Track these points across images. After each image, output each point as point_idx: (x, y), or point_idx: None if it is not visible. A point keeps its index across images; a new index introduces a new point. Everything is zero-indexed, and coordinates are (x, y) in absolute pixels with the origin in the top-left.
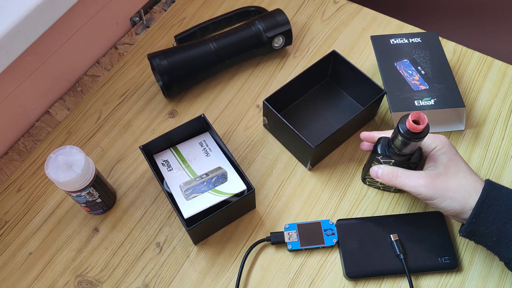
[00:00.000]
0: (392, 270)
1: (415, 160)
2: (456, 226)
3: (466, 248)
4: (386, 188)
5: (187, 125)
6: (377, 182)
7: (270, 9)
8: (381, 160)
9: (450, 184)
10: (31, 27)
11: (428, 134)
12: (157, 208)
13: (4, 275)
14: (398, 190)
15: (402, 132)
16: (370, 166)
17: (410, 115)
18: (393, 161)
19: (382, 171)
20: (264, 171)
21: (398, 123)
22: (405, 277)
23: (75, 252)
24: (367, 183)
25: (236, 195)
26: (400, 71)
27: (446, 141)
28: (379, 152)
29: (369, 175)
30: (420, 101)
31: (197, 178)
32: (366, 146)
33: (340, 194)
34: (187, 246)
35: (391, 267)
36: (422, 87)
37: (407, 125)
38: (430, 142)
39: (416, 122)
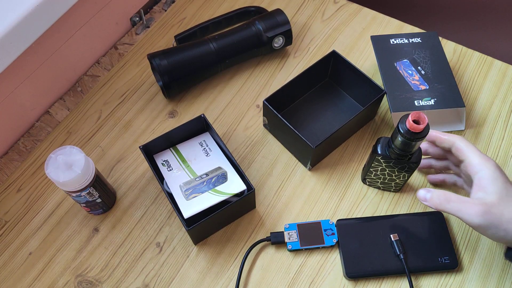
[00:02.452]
0: (392, 270)
1: (415, 160)
2: (456, 226)
3: (466, 248)
4: (386, 188)
5: (187, 125)
6: (378, 182)
7: (270, 9)
8: (382, 161)
9: (505, 215)
10: (31, 27)
11: (476, 154)
12: (157, 208)
13: (4, 275)
14: (398, 190)
15: (402, 132)
16: (371, 167)
17: (410, 115)
18: (393, 161)
19: (432, 195)
20: (264, 171)
21: (398, 123)
22: (405, 277)
23: (75, 252)
24: (367, 183)
25: (236, 195)
26: (400, 71)
27: (496, 166)
28: (379, 153)
29: (370, 175)
30: (420, 101)
31: (197, 178)
32: (433, 179)
33: (340, 194)
34: (187, 246)
35: (391, 267)
36: (422, 87)
37: (407, 125)
38: (478, 167)
39: (416, 122)
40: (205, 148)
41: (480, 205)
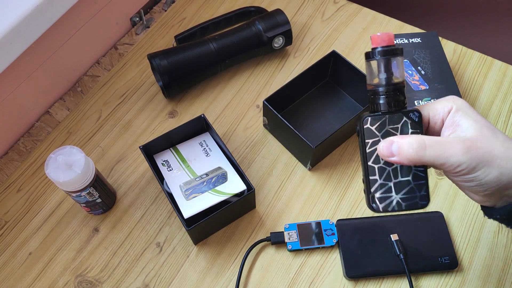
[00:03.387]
0: (392, 270)
1: (417, 109)
2: (456, 226)
3: (466, 248)
4: (408, 199)
5: (187, 125)
6: (391, 190)
7: (270, 9)
8: (373, 128)
9: (496, 148)
10: (31, 27)
11: (435, 100)
12: (157, 208)
13: (4, 275)
14: (426, 195)
15: (374, 55)
16: (365, 154)
17: (372, 37)
18: (387, 116)
19: (400, 145)
20: (264, 171)
21: (365, 56)
22: (405, 277)
23: (75, 252)
24: (381, 205)
25: (236, 195)
26: None
27: (462, 100)
28: (366, 116)
29: (374, 182)
30: (420, 101)
31: (197, 178)
32: None
33: (340, 194)
34: (187, 246)
35: (391, 267)
36: (422, 87)
37: (376, 41)
38: (442, 104)
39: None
40: (205, 148)
41: (462, 141)
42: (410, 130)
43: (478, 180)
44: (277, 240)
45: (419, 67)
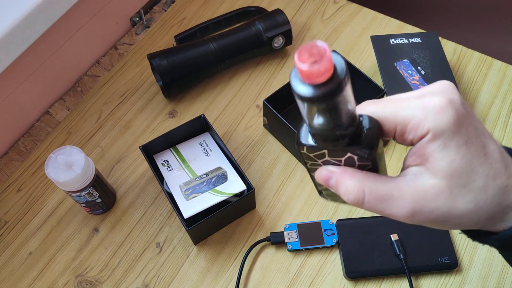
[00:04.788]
0: (392, 270)
1: (369, 142)
2: None
3: (466, 248)
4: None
5: (187, 125)
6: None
7: (270, 9)
8: (311, 155)
9: (456, 209)
10: (31, 27)
11: (416, 94)
12: (157, 208)
13: (4, 275)
14: None
15: (299, 94)
16: (310, 171)
17: (296, 54)
18: (326, 151)
19: (338, 185)
20: (264, 171)
21: (290, 80)
22: (405, 277)
23: (75, 252)
24: (329, 199)
25: (236, 195)
26: (400, 71)
27: (449, 117)
28: (302, 143)
29: (322, 185)
30: None
31: (197, 178)
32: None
33: None
34: (187, 246)
35: (391, 267)
36: (422, 87)
37: (300, 75)
38: (417, 118)
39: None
40: (205, 148)
41: (410, 200)
42: (357, 163)
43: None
44: (277, 240)
45: (419, 67)
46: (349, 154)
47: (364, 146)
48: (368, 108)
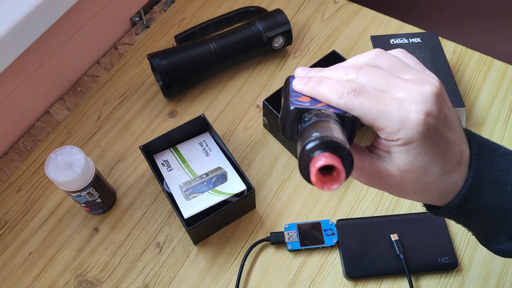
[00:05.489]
0: (392, 270)
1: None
2: (456, 226)
3: (466, 248)
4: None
5: (187, 125)
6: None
7: (270, 9)
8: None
9: (404, 189)
10: (31, 27)
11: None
12: (157, 208)
13: (4, 275)
14: None
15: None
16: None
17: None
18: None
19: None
20: (264, 171)
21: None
22: (405, 277)
23: (75, 252)
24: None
25: (236, 195)
26: None
27: (421, 131)
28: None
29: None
30: None
31: (197, 178)
32: None
33: (340, 194)
34: (187, 246)
35: (391, 267)
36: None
37: (312, 177)
38: (388, 128)
39: (325, 168)
40: (205, 148)
41: (370, 170)
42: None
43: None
44: (277, 240)
45: None
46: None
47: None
48: (355, 102)
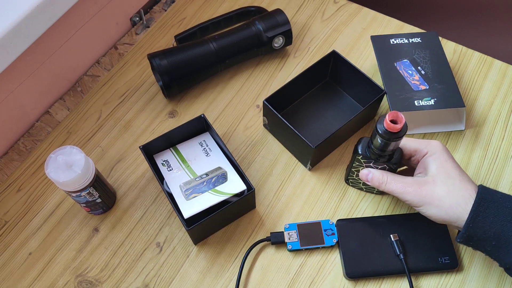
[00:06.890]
0: (392, 270)
1: (396, 161)
2: None
3: (466, 248)
4: (368, 189)
5: (187, 125)
6: (360, 183)
7: (270, 9)
8: (362, 161)
9: (436, 192)
10: (31, 27)
11: (422, 139)
12: (157, 208)
13: (4, 275)
14: (381, 192)
15: (380, 132)
16: (352, 167)
17: (387, 115)
18: (373, 161)
19: (372, 176)
20: (264, 171)
21: (376, 123)
22: (405, 277)
23: (75, 252)
24: (350, 184)
25: (236, 195)
26: (400, 71)
27: (439, 146)
28: (360, 153)
29: (352, 176)
30: (420, 101)
31: (197, 178)
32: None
33: (340, 194)
34: (187, 246)
35: (391, 267)
36: (422, 87)
37: (385, 125)
38: (422, 147)
39: (393, 121)
40: (205, 148)
41: (412, 184)
42: (386, 169)
43: (424, 212)
44: (277, 240)
45: (419, 67)
46: (385, 165)
47: (394, 163)
48: (404, 141)
